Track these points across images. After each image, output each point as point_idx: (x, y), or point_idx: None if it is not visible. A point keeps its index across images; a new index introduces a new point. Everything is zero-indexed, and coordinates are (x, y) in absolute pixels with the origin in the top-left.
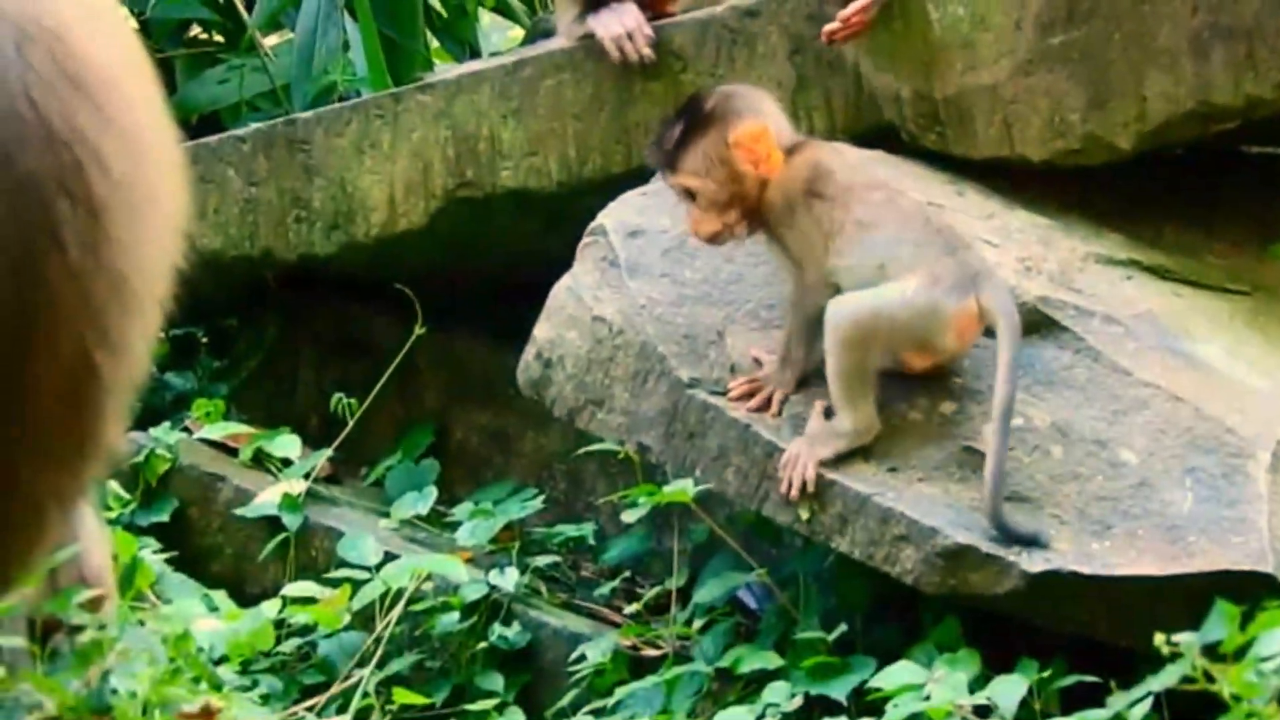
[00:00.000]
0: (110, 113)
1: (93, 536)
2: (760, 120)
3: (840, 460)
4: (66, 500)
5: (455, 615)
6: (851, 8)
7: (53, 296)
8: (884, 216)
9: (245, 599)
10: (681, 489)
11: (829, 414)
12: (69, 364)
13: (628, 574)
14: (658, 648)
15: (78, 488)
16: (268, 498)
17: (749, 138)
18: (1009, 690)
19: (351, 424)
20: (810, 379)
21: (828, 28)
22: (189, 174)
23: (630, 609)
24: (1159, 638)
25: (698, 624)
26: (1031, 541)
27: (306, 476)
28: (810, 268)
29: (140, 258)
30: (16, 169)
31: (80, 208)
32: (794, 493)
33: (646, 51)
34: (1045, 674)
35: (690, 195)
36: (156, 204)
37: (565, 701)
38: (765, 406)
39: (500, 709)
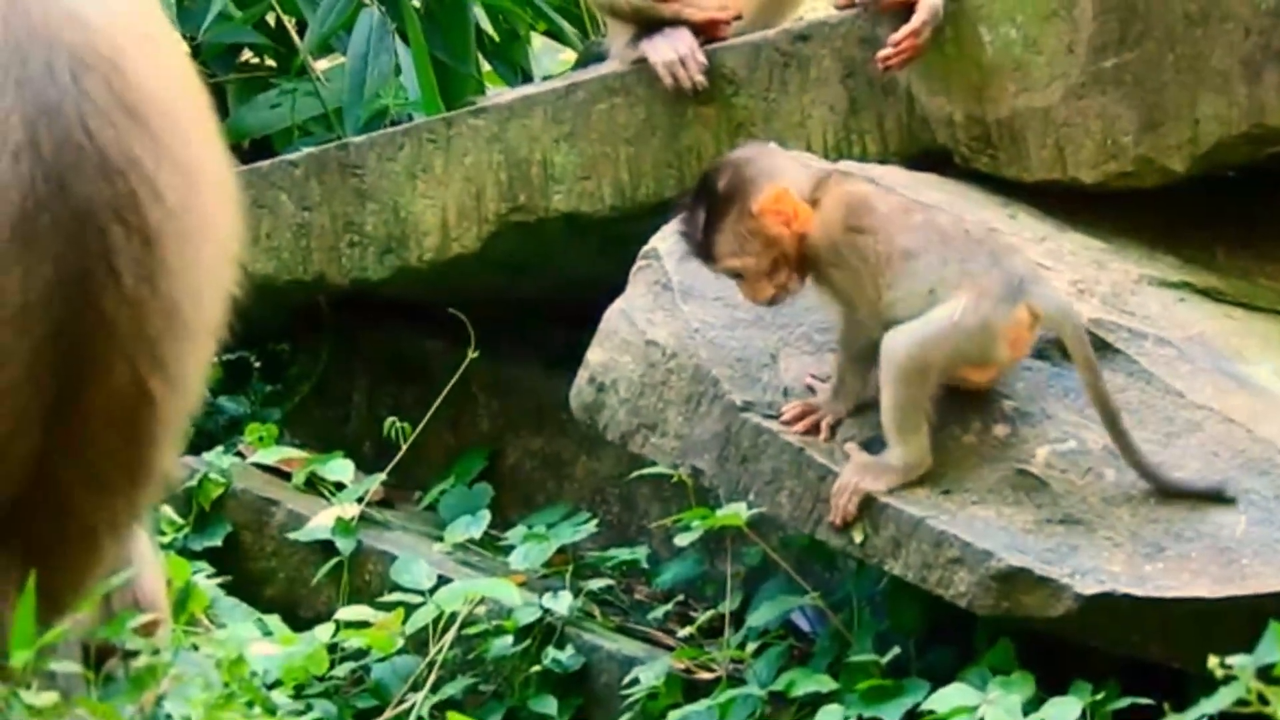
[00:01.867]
0: (165, 141)
1: (146, 561)
2: (776, 182)
3: (890, 491)
4: (120, 526)
5: (509, 639)
6: (903, 32)
7: (108, 324)
8: (926, 240)
9: (299, 623)
10: (735, 512)
11: (867, 447)
12: (124, 391)
13: (681, 597)
14: (711, 671)
15: (131, 514)
16: (321, 522)
17: (772, 203)
18: (1063, 712)
19: (405, 448)
20: (864, 405)
21: (881, 54)
22: (242, 199)
23: (684, 632)
24: (1212, 660)
25: (751, 647)
26: (1217, 495)
27: (360, 500)
28: (862, 304)
29: (194, 286)
30: (72, 198)
31: (135, 236)
32: (838, 522)
33: (699, 78)
34: (1099, 696)
35: (737, 274)
36: (210, 232)
37: None
38: (816, 430)
39: None
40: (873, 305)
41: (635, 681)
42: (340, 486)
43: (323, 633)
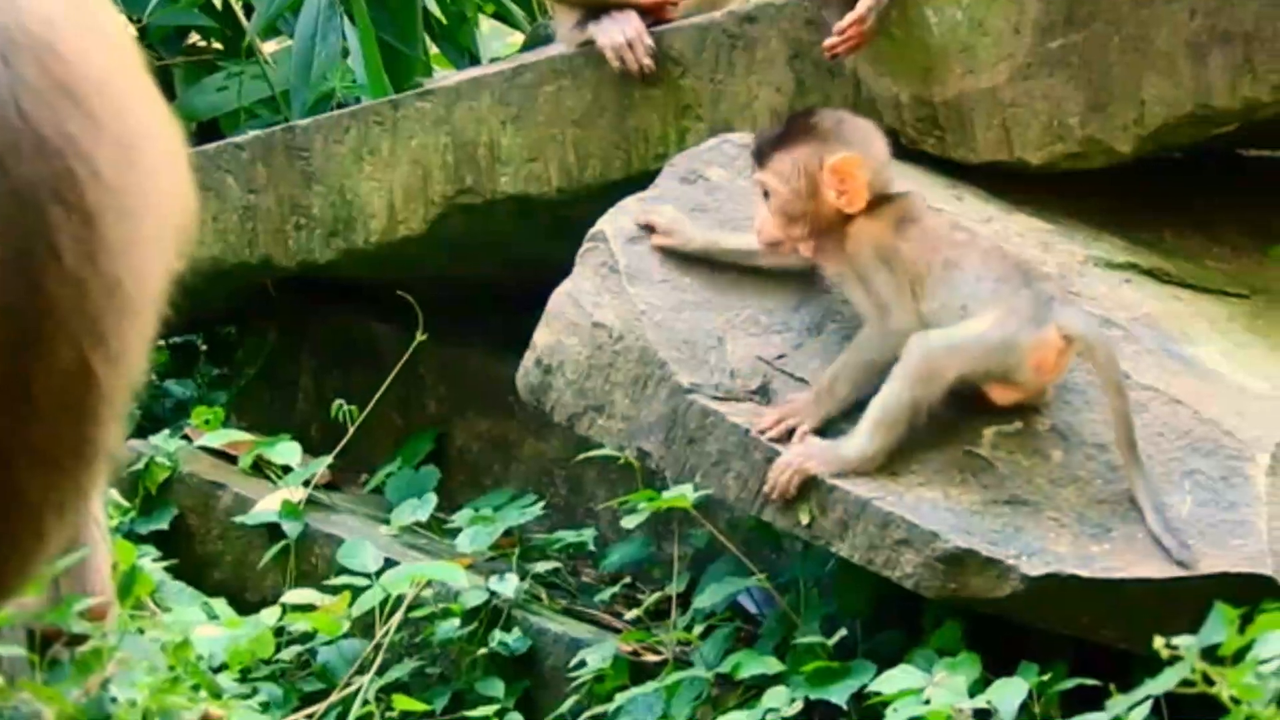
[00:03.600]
0: (102, 119)
1: (96, 544)
2: (859, 154)
3: (835, 476)
4: (66, 507)
5: (455, 622)
6: (848, 20)
7: (49, 304)
8: (967, 256)
9: (245, 607)
10: (681, 494)
11: (820, 433)
12: (67, 372)
13: (628, 580)
14: (658, 653)
15: (77, 494)
16: (267, 505)
17: (844, 165)
18: (1009, 694)
19: (352, 431)
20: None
21: (828, 42)
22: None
23: (630, 614)
24: (1158, 641)
25: (698, 629)
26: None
27: (306, 484)
28: (897, 312)
29: (137, 263)
30: (9, 178)
31: (74, 215)
32: (774, 496)
33: (647, 62)
34: (1045, 677)
35: (766, 195)
36: (153, 210)
37: (565, 708)
38: (787, 437)
39: (500, 715)
40: (908, 313)
41: (582, 664)
42: (287, 469)
43: (269, 616)
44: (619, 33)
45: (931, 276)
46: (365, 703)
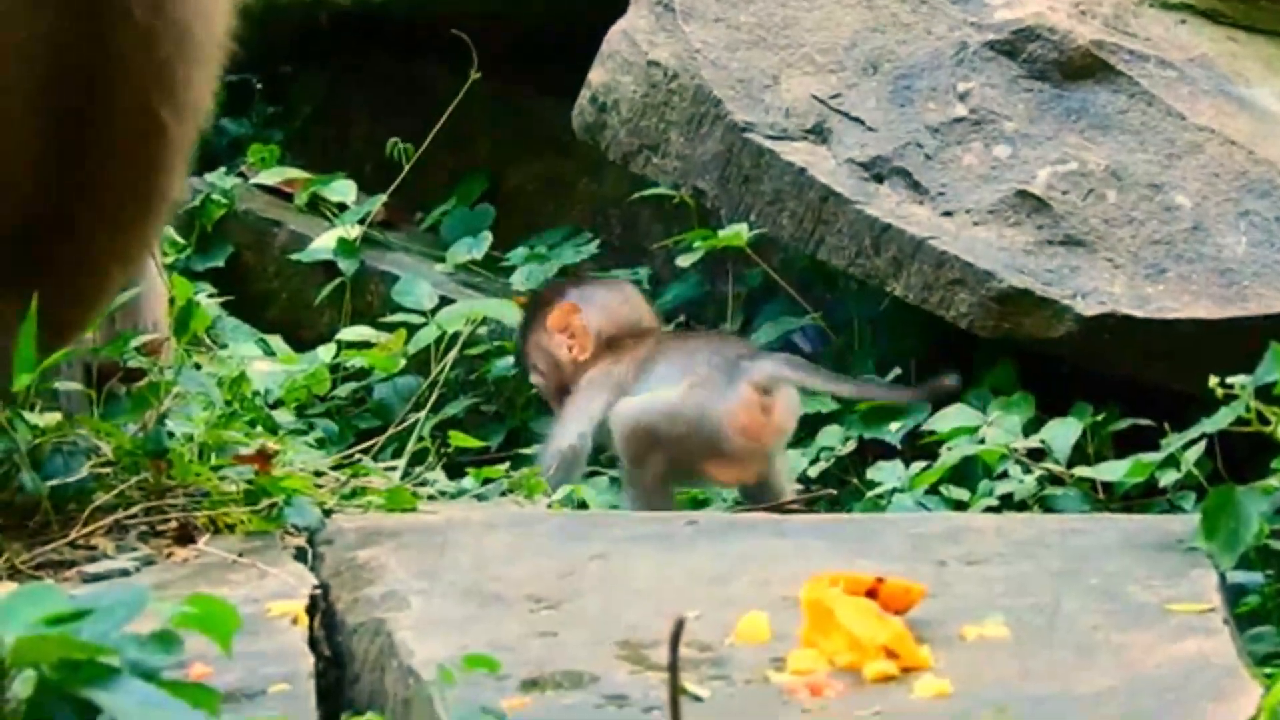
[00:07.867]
0: None
1: (151, 281)
2: (575, 302)
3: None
4: (131, 262)
5: (510, 359)
6: None
7: (119, 55)
8: (669, 351)
9: (300, 344)
10: (736, 233)
11: None
12: (135, 124)
13: (682, 318)
14: None
15: (142, 248)
16: (323, 242)
17: (560, 317)
18: (1063, 433)
19: (406, 169)
20: None
21: None
22: None
23: None
24: (1213, 380)
25: None
26: None
27: (362, 221)
28: (559, 432)
29: (205, 6)
30: None
31: None
32: None
33: None
34: (1099, 417)
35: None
36: None
37: None
38: None
39: None
40: (573, 433)
41: None
42: (342, 207)
43: (325, 353)
44: None
45: (635, 374)
46: (420, 439)
